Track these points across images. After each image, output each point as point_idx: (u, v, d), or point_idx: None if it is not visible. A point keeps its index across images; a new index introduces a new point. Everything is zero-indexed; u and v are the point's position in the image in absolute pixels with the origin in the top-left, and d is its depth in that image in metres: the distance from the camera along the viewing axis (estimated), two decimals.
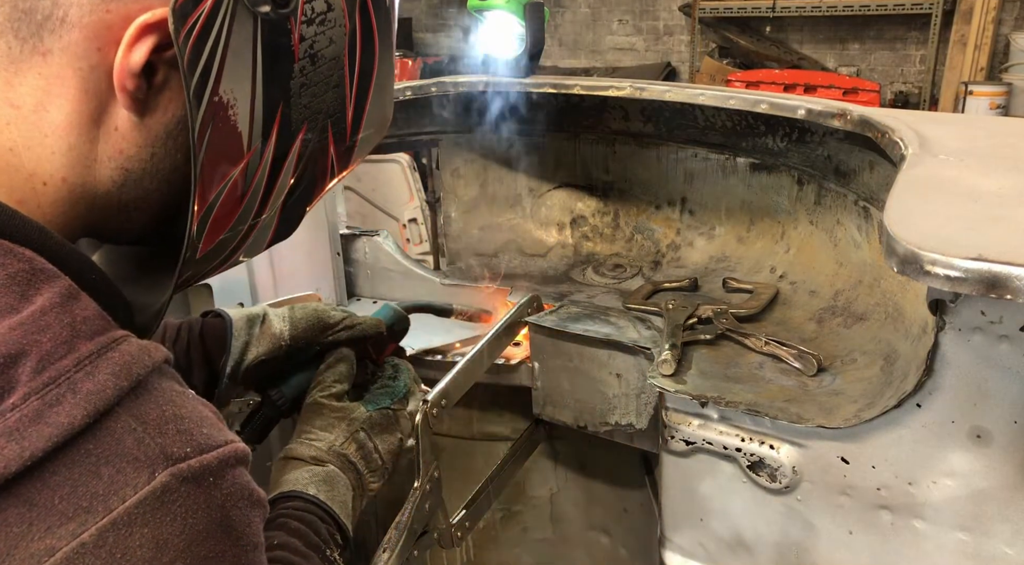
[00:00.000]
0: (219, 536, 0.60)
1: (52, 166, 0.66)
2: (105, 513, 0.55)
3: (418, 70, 7.46)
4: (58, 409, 0.55)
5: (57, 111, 0.65)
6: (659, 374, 1.26)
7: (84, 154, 0.67)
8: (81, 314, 0.60)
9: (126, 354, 0.60)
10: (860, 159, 1.51)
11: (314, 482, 0.99)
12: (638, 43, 7.59)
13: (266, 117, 0.72)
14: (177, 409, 0.61)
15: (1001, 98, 5.46)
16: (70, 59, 0.64)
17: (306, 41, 0.72)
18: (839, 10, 6.27)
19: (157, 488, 0.56)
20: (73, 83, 0.65)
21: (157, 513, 0.56)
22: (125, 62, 0.64)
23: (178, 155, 0.71)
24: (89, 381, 0.57)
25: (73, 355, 0.58)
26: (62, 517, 0.54)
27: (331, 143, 0.81)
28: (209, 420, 0.63)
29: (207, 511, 0.59)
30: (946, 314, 0.93)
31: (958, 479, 1.01)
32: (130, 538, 0.55)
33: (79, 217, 0.70)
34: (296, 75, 0.73)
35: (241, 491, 0.62)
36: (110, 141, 0.68)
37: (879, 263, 1.41)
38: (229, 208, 0.74)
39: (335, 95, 0.78)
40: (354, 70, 0.79)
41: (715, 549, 1.26)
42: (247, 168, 0.73)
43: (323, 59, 0.75)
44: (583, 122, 2.02)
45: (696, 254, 1.92)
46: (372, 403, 1.13)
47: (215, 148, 0.69)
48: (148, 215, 0.74)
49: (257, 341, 1.14)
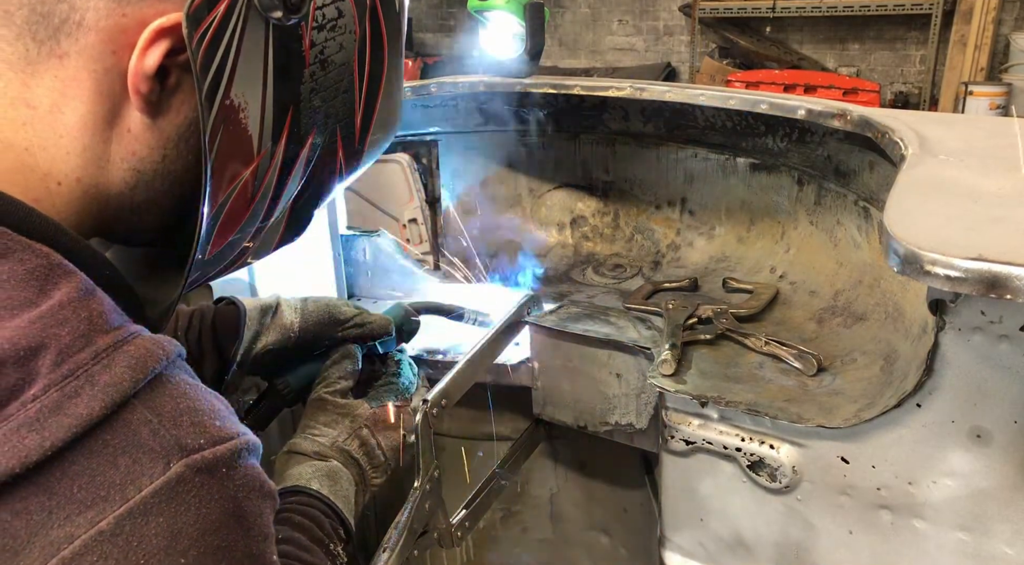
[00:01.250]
0: (231, 526, 0.61)
1: (67, 166, 0.67)
2: (122, 502, 0.56)
3: (418, 70, 7.46)
4: (77, 401, 0.57)
5: (72, 112, 0.66)
6: (659, 374, 1.26)
7: (98, 155, 0.69)
8: (97, 309, 0.62)
9: (141, 348, 0.61)
10: (860, 159, 1.51)
11: (317, 477, 1.01)
12: (638, 43, 7.59)
13: (276, 121, 0.73)
14: (191, 402, 0.62)
15: (1001, 98, 5.45)
16: (86, 62, 0.65)
17: (317, 46, 0.73)
18: (839, 10, 6.26)
19: (172, 478, 0.58)
20: (88, 85, 0.66)
21: (172, 503, 0.58)
22: (139, 65, 0.65)
23: (189, 157, 0.72)
24: (106, 373, 0.58)
25: (91, 348, 0.59)
26: (81, 506, 0.56)
27: (340, 147, 0.82)
28: (221, 412, 0.64)
29: (220, 501, 0.60)
30: (946, 314, 0.93)
31: (958, 479, 1.01)
32: (146, 527, 0.57)
33: (92, 217, 0.71)
34: (306, 80, 0.74)
35: (253, 482, 0.64)
36: (123, 142, 0.69)
37: (879, 263, 1.42)
38: (238, 210, 0.75)
39: (344, 100, 0.79)
40: (363, 75, 0.80)
41: (715, 549, 1.26)
42: (257, 171, 0.74)
43: (333, 64, 0.76)
44: (583, 122, 2.02)
45: (696, 254, 1.92)
46: (376, 400, 1.14)
47: (226, 151, 0.70)
48: (159, 216, 0.75)
49: (268, 331, 1.15)
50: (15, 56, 0.65)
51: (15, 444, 0.54)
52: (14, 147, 0.66)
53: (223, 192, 0.72)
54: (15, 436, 0.55)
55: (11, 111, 0.65)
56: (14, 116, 0.66)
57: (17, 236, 0.62)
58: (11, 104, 0.65)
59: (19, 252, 0.61)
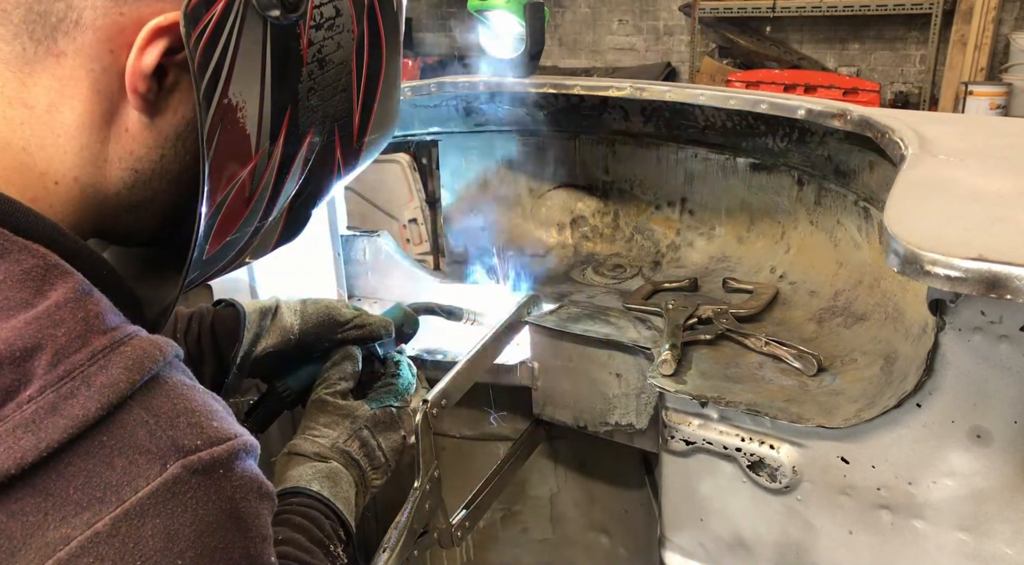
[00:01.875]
0: (229, 527, 0.61)
1: (64, 166, 0.67)
2: (118, 503, 0.56)
3: (418, 70, 7.46)
4: (73, 402, 0.56)
5: (70, 112, 0.66)
6: (659, 374, 1.26)
7: (95, 154, 0.68)
8: (94, 309, 0.61)
9: (138, 349, 0.61)
10: (860, 159, 1.51)
11: (317, 478, 1.01)
12: (638, 43, 7.59)
13: (274, 120, 0.73)
14: (188, 403, 0.62)
15: (1001, 98, 5.46)
16: (83, 61, 0.65)
17: (315, 46, 0.73)
18: (839, 10, 6.26)
19: (169, 479, 0.57)
20: (85, 84, 0.66)
21: (169, 504, 0.57)
22: (137, 64, 0.65)
23: (187, 157, 0.71)
24: (102, 375, 0.58)
25: (87, 349, 0.59)
26: (77, 507, 0.55)
27: (338, 146, 0.82)
28: (219, 413, 0.64)
29: (217, 503, 0.60)
30: (946, 314, 0.93)
31: (958, 479, 1.01)
32: (142, 528, 0.56)
33: (89, 217, 0.71)
34: (304, 79, 0.74)
35: (251, 483, 0.63)
36: (121, 142, 0.69)
37: (879, 263, 1.41)
38: (236, 209, 0.75)
39: (342, 99, 0.79)
40: (361, 74, 0.80)
41: (715, 549, 1.26)
42: (255, 170, 0.74)
43: (331, 63, 0.76)
44: (583, 122, 2.02)
45: (696, 254, 1.92)
46: (376, 401, 1.14)
47: (224, 150, 0.70)
48: (157, 216, 0.75)
49: (267, 333, 1.15)
50: (12, 55, 0.65)
51: (11, 445, 0.54)
52: (11, 146, 0.66)
53: (221, 191, 0.72)
54: (11, 437, 0.54)
55: (8, 110, 0.65)
56: (12, 115, 0.65)
57: (14, 236, 0.61)
58: (8, 103, 0.65)
59: (16, 252, 0.61)
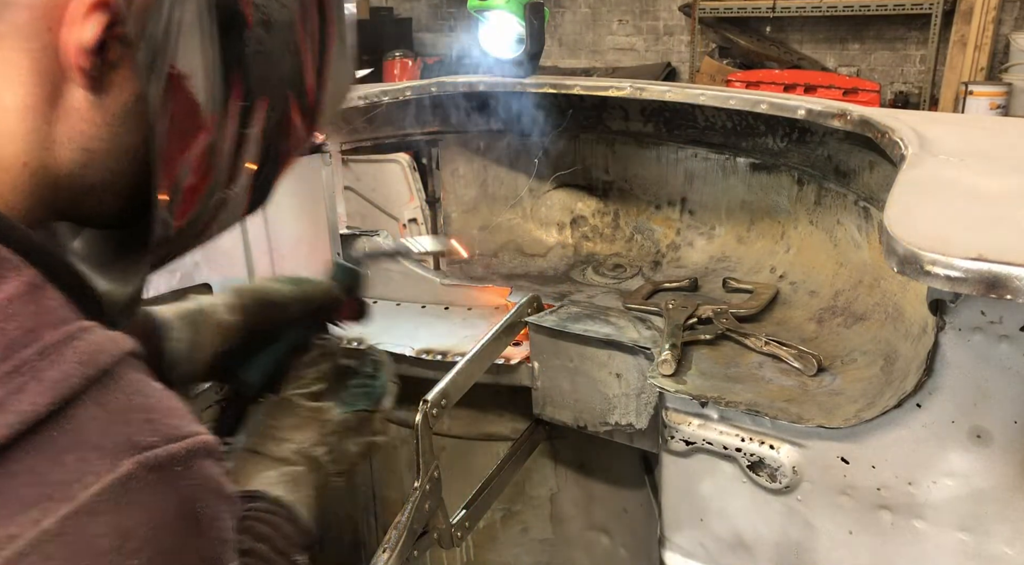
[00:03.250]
0: (185, 527, 0.59)
1: (10, 151, 0.65)
2: (68, 501, 0.54)
3: (418, 70, 7.46)
4: (21, 397, 0.54)
5: (11, 95, 0.64)
6: (659, 374, 1.26)
7: (43, 137, 0.66)
8: (47, 304, 0.60)
9: (92, 343, 0.59)
10: (860, 159, 1.51)
11: (281, 482, 0.97)
12: (638, 43, 7.59)
13: (224, 88, 0.70)
14: (144, 399, 0.60)
15: (1001, 98, 5.46)
16: (21, 41, 0.63)
17: (258, 8, 0.71)
18: (839, 10, 6.26)
19: (122, 476, 0.56)
20: (25, 65, 0.64)
21: (121, 501, 0.55)
22: (77, 40, 0.63)
23: (140, 132, 0.69)
24: (53, 369, 0.56)
25: (38, 344, 0.57)
26: (24, 505, 0.53)
27: (295, 109, 0.79)
28: (178, 411, 0.62)
29: (174, 501, 0.58)
30: (946, 314, 0.93)
31: (958, 479, 1.01)
32: (92, 526, 0.54)
33: (44, 202, 0.68)
34: (250, 43, 0.71)
35: (209, 483, 0.61)
36: (69, 122, 0.67)
37: (879, 263, 1.41)
38: (196, 182, 0.72)
39: (293, 61, 0.77)
40: (310, 34, 0.77)
41: (715, 549, 1.26)
42: (211, 139, 0.71)
43: (277, 25, 0.73)
44: (583, 122, 2.02)
45: (696, 254, 1.92)
46: (349, 404, 1.09)
47: (175, 122, 0.68)
48: (120, 196, 0.73)
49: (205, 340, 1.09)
50: None
51: None
52: None
53: (178, 165, 0.70)
54: None
55: None
56: None
57: None
58: None
59: None
